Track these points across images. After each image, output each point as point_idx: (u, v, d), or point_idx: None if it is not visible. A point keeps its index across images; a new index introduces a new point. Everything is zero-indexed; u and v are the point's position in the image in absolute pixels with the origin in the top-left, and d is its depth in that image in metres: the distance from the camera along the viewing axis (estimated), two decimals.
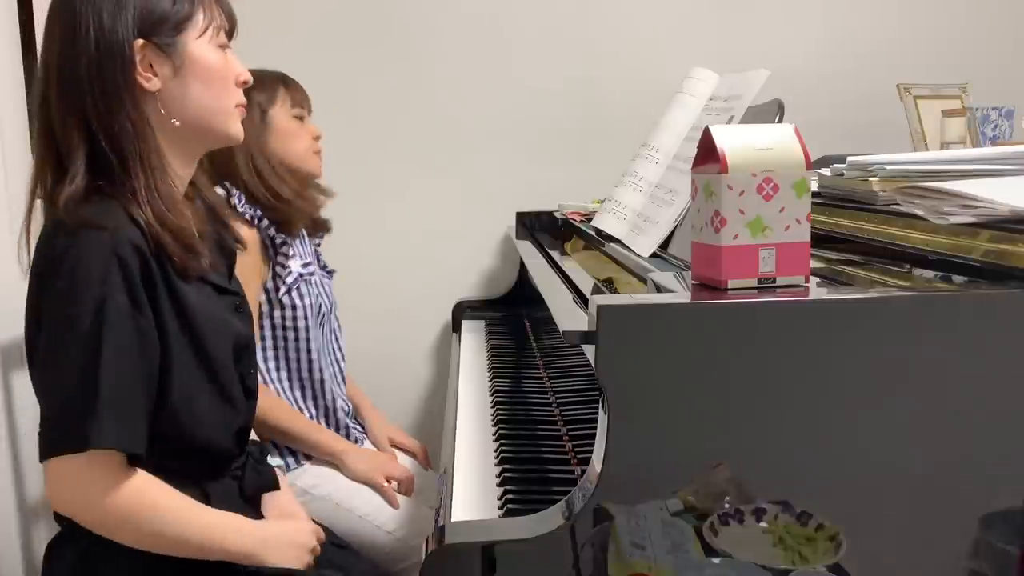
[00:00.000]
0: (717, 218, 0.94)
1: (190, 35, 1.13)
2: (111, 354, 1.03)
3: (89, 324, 1.03)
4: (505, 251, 2.38)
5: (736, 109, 1.36)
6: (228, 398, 1.19)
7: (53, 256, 1.05)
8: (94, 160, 1.08)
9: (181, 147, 1.15)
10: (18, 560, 1.69)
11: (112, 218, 1.05)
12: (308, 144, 1.77)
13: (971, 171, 1.07)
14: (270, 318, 1.70)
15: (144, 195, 1.08)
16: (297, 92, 1.77)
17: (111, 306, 1.03)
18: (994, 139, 1.86)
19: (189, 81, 1.13)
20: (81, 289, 1.03)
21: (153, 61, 1.10)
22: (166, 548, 1.11)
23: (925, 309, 0.93)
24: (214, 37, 1.15)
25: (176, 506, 1.11)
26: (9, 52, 1.81)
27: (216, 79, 1.14)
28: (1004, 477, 0.93)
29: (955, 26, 2.32)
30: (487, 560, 0.92)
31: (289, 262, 1.70)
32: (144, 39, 1.09)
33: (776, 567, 0.92)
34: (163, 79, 1.11)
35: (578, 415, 1.41)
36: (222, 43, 1.16)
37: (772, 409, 0.92)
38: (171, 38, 1.11)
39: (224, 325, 1.18)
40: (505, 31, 2.31)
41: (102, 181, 1.08)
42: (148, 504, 1.09)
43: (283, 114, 1.73)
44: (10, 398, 1.68)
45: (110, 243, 1.04)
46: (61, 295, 1.04)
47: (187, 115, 1.13)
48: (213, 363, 1.15)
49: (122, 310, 1.04)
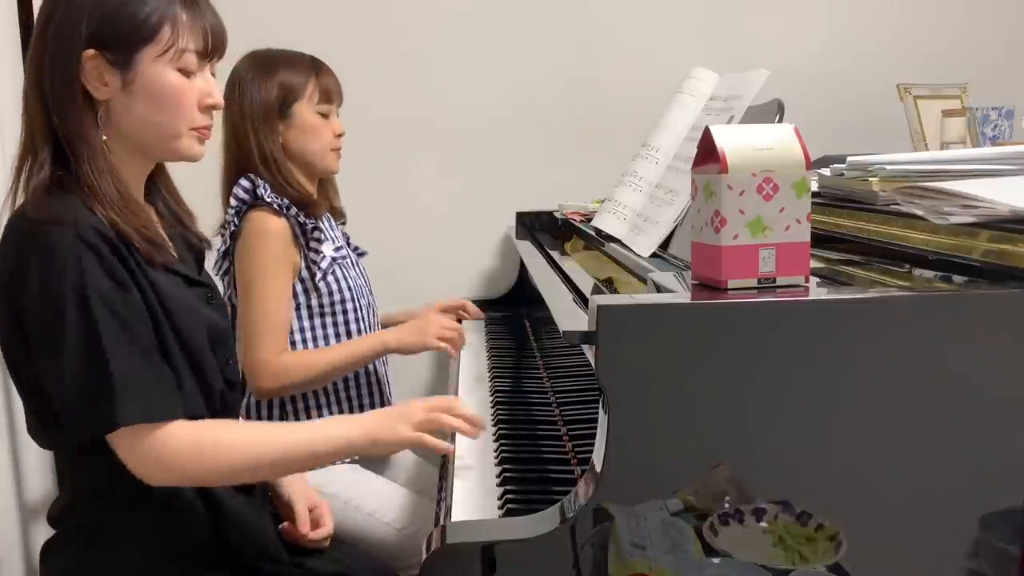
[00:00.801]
0: (717, 218, 0.94)
1: (147, 54, 1.11)
2: (110, 336, 1.04)
3: (78, 314, 1.03)
4: (505, 251, 2.38)
5: (736, 109, 1.36)
6: (209, 387, 1.19)
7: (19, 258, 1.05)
8: (58, 151, 1.10)
9: (128, 155, 1.15)
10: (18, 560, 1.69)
11: (72, 211, 1.06)
12: (328, 141, 1.73)
13: (971, 171, 1.07)
14: (308, 307, 1.69)
15: (97, 190, 1.09)
16: (328, 84, 1.73)
17: (92, 292, 1.04)
18: (994, 139, 1.86)
19: (137, 98, 1.11)
20: (58, 282, 1.03)
21: (104, 71, 1.10)
22: (279, 470, 1.20)
23: (925, 309, 0.93)
24: (176, 59, 1.12)
25: (232, 439, 1.11)
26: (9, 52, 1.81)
27: (166, 101, 1.12)
28: (1004, 477, 0.93)
29: (955, 26, 2.32)
30: (487, 560, 0.92)
31: (322, 247, 1.69)
32: (95, 50, 1.09)
33: (776, 567, 0.91)
34: (112, 91, 1.11)
35: (578, 415, 1.41)
36: (186, 66, 1.13)
37: (772, 409, 0.92)
38: (124, 54, 1.10)
39: (197, 313, 1.18)
40: (505, 31, 2.31)
41: (62, 172, 1.09)
42: (211, 449, 1.09)
43: (307, 109, 1.70)
44: (10, 398, 1.68)
45: (75, 233, 1.04)
46: (40, 292, 1.04)
47: (130, 129, 1.13)
48: (191, 349, 1.15)
49: (105, 293, 1.05)
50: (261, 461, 1.11)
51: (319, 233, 1.69)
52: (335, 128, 1.75)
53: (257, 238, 1.61)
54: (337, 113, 1.77)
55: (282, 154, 1.68)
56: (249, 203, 1.63)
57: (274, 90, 1.67)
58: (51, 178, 1.08)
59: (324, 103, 1.72)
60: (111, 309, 1.05)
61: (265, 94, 1.66)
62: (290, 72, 1.69)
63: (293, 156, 1.71)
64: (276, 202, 1.62)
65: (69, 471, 1.21)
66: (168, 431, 1.07)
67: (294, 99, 1.69)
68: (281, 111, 1.68)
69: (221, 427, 1.14)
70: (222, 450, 1.10)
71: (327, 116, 1.73)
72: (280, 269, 1.63)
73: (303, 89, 1.70)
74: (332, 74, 1.75)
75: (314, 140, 1.71)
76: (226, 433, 1.12)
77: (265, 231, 1.61)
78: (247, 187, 1.63)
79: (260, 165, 1.66)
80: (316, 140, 1.72)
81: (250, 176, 1.64)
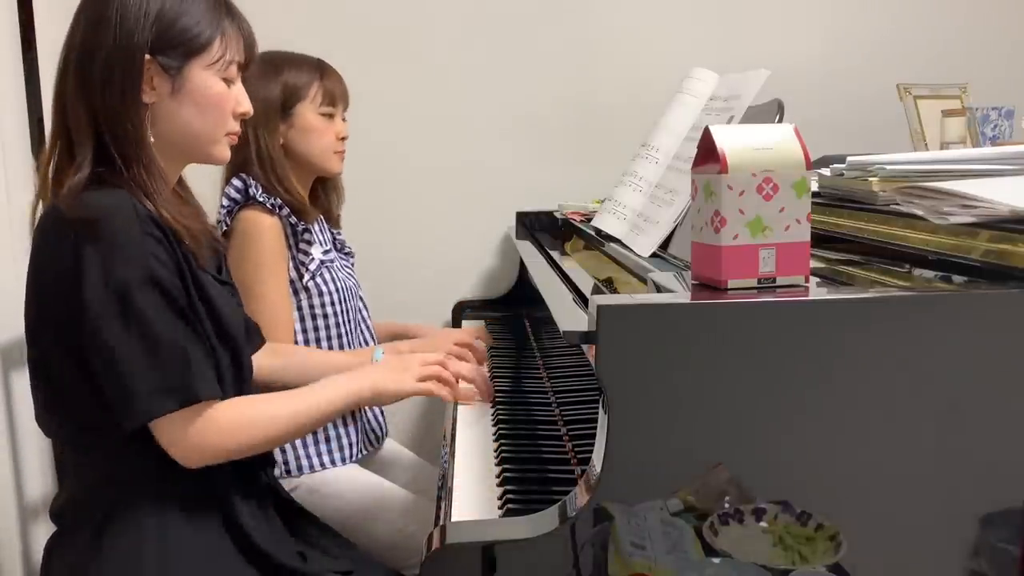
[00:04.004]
0: (717, 218, 0.94)
1: (199, 62, 1.15)
2: (177, 321, 1.09)
3: (148, 298, 1.07)
4: (505, 251, 2.38)
5: (736, 109, 1.36)
6: (243, 377, 1.24)
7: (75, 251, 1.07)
8: (100, 152, 1.12)
9: (166, 156, 1.18)
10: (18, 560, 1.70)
11: (128, 201, 1.09)
12: (330, 143, 1.73)
13: (971, 171, 1.07)
14: (297, 309, 1.69)
15: (150, 189, 1.12)
16: (332, 87, 1.73)
17: (159, 276, 1.07)
18: (994, 139, 1.86)
19: (184, 104, 1.16)
20: (124, 268, 1.06)
21: (155, 76, 1.13)
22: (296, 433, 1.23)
23: (925, 309, 0.93)
24: (223, 70, 1.18)
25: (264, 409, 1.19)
26: (9, 52, 1.81)
27: (211, 108, 1.18)
28: (1004, 477, 0.93)
29: (955, 26, 2.32)
30: (487, 560, 0.92)
31: (311, 249, 1.70)
32: (151, 55, 1.12)
33: (776, 567, 0.92)
34: (160, 95, 1.14)
35: (578, 415, 1.41)
36: (229, 75, 1.19)
37: (772, 409, 0.92)
38: (179, 61, 1.14)
39: (233, 309, 1.23)
40: (505, 31, 2.30)
41: (103, 169, 1.11)
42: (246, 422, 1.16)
43: (310, 110, 1.71)
44: (10, 398, 1.68)
45: (136, 221, 1.08)
46: (103, 280, 1.06)
47: (172, 133, 1.17)
48: (234, 346, 1.19)
49: (168, 279, 1.09)
50: (289, 428, 1.19)
51: (309, 235, 1.69)
52: (339, 131, 1.75)
53: (250, 237, 1.61)
54: (343, 116, 1.77)
55: (280, 154, 1.68)
56: (241, 202, 1.63)
57: (277, 90, 1.68)
58: (91, 176, 1.10)
59: (327, 105, 1.72)
60: (174, 295, 1.09)
61: (268, 93, 1.66)
62: (294, 73, 1.69)
63: (293, 156, 1.71)
64: (268, 201, 1.63)
65: (71, 465, 1.22)
66: (214, 411, 1.12)
67: (297, 100, 1.69)
68: (283, 111, 1.69)
69: (249, 403, 1.19)
70: (260, 422, 1.17)
71: (331, 118, 1.74)
72: (278, 264, 1.63)
73: (306, 90, 1.70)
74: (338, 77, 1.76)
75: (315, 141, 1.72)
76: (253, 408, 1.18)
77: (258, 229, 1.61)
78: (239, 187, 1.64)
79: (256, 164, 1.66)
80: (317, 142, 1.72)
81: (242, 176, 1.64)
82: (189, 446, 1.11)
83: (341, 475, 1.67)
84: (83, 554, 1.15)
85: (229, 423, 1.13)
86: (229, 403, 1.15)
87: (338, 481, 1.66)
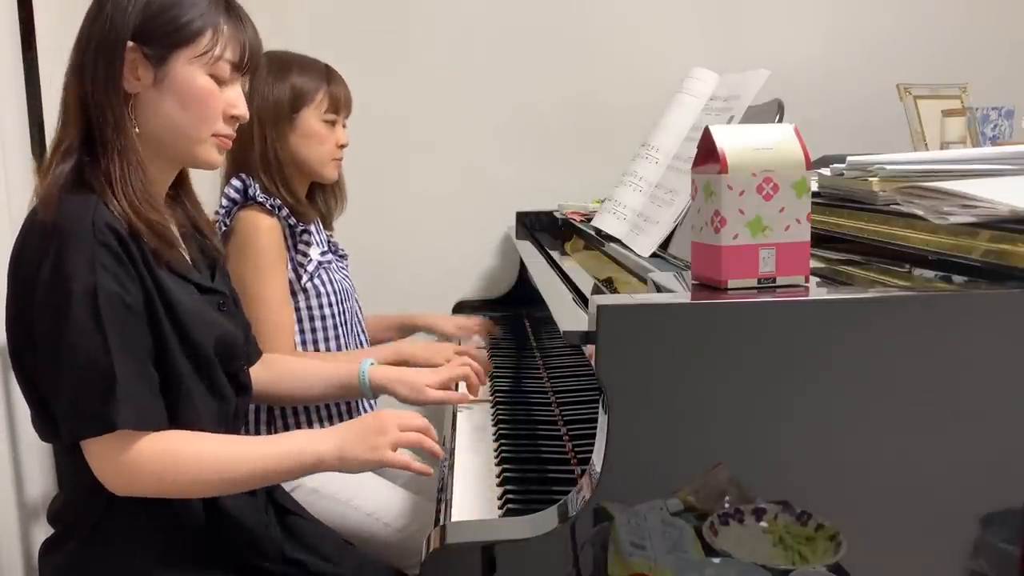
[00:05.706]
0: (717, 218, 0.94)
1: (184, 54, 1.13)
2: (115, 340, 1.04)
3: (85, 314, 1.04)
4: (505, 251, 2.38)
5: (736, 109, 1.36)
6: (219, 393, 1.19)
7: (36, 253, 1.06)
8: (87, 137, 1.11)
9: (154, 153, 1.16)
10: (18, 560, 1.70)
11: (88, 210, 1.07)
12: (329, 151, 1.73)
13: (971, 171, 1.07)
14: (295, 310, 1.69)
15: (118, 184, 1.10)
16: (338, 94, 1.73)
17: (101, 293, 1.04)
18: (994, 139, 1.86)
19: (166, 96, 1.14)
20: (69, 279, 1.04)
21: (139, 65, 1.12)
22: (230, 488, 1.13)
23: (925, 309, 0.93)
24: (210, 64, 1.14)
25: (199, 453, 1.10)
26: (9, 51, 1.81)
27: (193, 103, 1.14)
28: (1004, 477, 0.93)
29: (955, 26, 2.32)
30: (487, 560, 0.92)
31: (309, 250, 1.70)
32: (135, 43, 1.11)
33: (776, 567, 0.92)
34: (144, 85, 1.13)
35: (578, 415, 1.41)
36: (219, 73, 1.15)
37: (772, 409, 0.92)
38: (162, 51, 1.12)
39: (204, 317, 1.18)
40: (505, 31, 2.30)
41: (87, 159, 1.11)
42: (172, 463, 1.08)
43: (314, 116, 1.70)
44: (10, 398, 1.68)
45: (90, 233, 1.05)
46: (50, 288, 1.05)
47: (154, 126, 1.15)
48: (198, 354, 1.15)
49: (113, 295, 1.05)
50: (224, 477, 1.10)
51: (308, 236, 1.69)
52: (339, 138, 1.74)
53: (250, 237, 1.61)
54: (344, 124, 1.77)
55: (287, 156, 1.68)
56: (240, 203, 1.63)
57: (286, 92, 1.67)
58: (72, 170, 1.10)
59: (331, 112, 1.72)
60: (117, 313, 1.05)
61: (276, 94, 1.66)
62: (303, 76, 1.69)
63: (292, 160, 1.71)
64: (268, 202, 1.62)
65: (69, 468, 1.21)
66: (141, 443, 1.06)
67: (302, 104, 1.69)
68: (290, 116, 1.69)
69: (188, 440, 1.11)
70: (188, 464, 1.09)
71: (333, 125, 1.74)
72: (277, 266, 1.63)
73: (313, 95, 1.69)
74: (344, 84, 1.75)
75: (315, 148, 1.71)
76: (192, 447, 1.10)
77: (257, 230, 1.61)
78: (238, 187, 1.63)
79: (259, 165, 1.65)
80: (317, 148, 1.71)
81: (242, 176, 1.64)
82: (109, 475, 1.07)
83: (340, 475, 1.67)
84: (76, 556, 1.14)
85: (152, 459, 1.06)
86: (161, 436, 1.08)
87: (338, 481, 1.66)
